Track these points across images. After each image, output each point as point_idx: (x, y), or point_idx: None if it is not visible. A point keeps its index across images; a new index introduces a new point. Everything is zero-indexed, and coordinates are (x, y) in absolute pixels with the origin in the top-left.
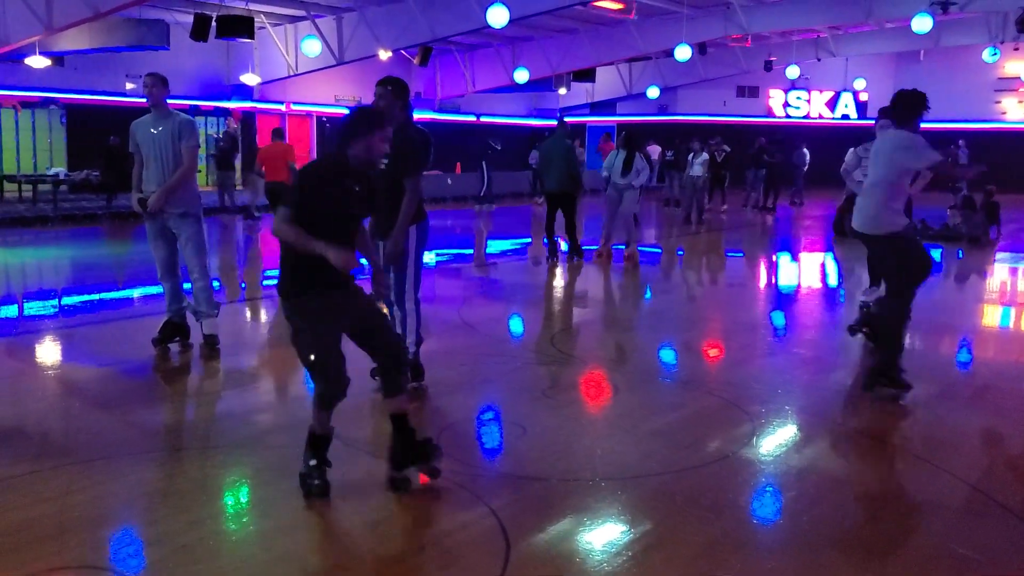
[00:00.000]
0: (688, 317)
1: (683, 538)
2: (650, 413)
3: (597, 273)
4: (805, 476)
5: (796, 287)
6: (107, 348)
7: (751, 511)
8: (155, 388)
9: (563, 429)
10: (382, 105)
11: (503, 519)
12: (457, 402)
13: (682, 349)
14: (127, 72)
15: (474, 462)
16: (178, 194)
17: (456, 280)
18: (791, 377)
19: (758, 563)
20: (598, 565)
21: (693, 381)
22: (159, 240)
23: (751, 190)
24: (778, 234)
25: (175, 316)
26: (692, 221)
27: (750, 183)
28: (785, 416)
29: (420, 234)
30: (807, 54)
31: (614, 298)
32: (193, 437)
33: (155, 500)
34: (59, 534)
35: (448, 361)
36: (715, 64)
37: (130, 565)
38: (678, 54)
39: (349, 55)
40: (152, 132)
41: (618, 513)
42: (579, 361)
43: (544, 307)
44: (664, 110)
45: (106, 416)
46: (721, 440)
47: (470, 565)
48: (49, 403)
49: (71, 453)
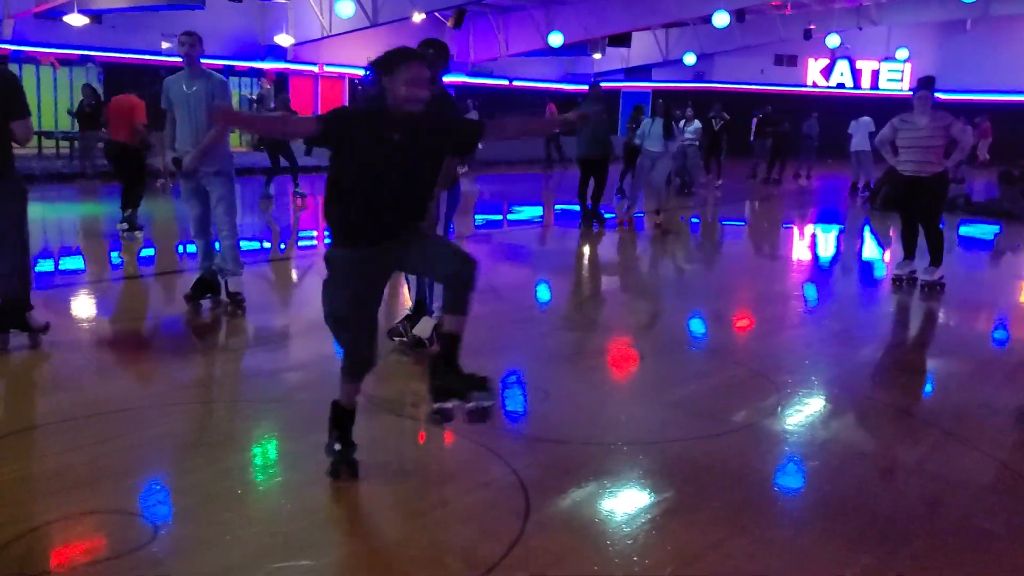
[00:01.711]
0: (717, 287)
1: (704, 504)
2: (675, 381)
3: (625, 240)
4: (829, 447)
5: (827, 259)
6: (140, 303)
7: (773, 479)
8: (186, 343)
9: (587, 394)
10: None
11: (524, 480)
12: (480, 365)
13: (710, 318)
14: (163, 31)
15: (497, 424)
16: (211, 153)
17: (483, 246)
18: (819, 349)
19: (778, 530)
20: (618, 527)
21: (720, 350)
22: (193, 199)
23: (757, 160)
24: (801, 206)
25: (207, 273)
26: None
27: (756, 154)
28: (812, 387)
29: (451, 200)
30: (848, 22)
31: (642, 266)
32: (222, 391)
33: (185, 451)
34: (93, 480)
35: (473, 326)
36: (753, 31)
37: (160, 512)
38: (716, 20)
39: (383, 17)
40: (186, 91)
41: (639, 478)
42: (605, 328)
43: (571, 274)
44: (700, 77)
45: (139, 368)
46: (746, 409)
47: (491, 522)
48: (84, 355)
49: (105, 403)
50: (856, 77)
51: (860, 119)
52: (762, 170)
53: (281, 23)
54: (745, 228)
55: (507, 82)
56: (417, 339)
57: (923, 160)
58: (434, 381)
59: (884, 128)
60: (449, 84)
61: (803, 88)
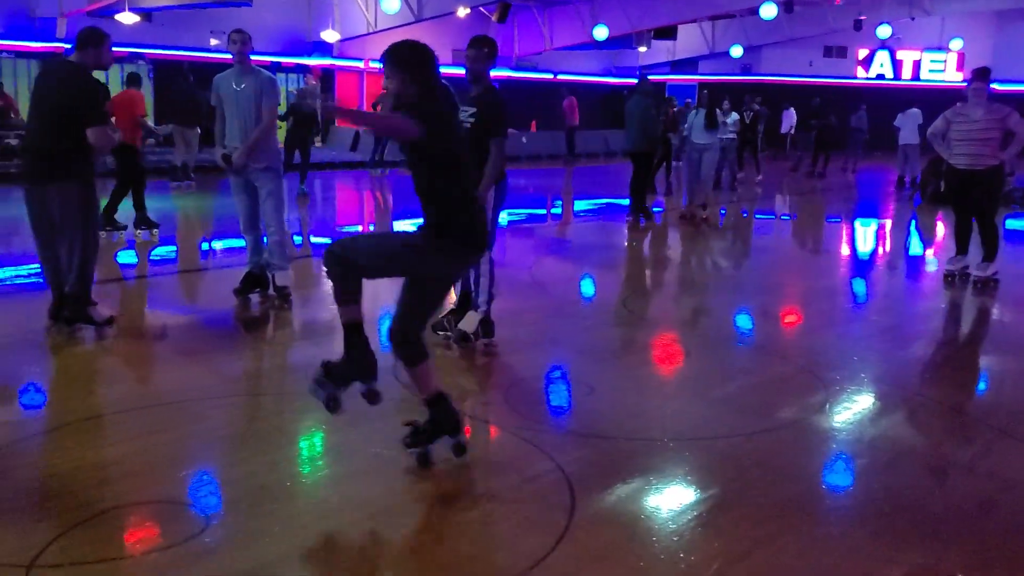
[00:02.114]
0: (763, 282)
1: (751, 500)
2: (722, 377)
3: (672, 234)
4: (878, 444)
5: (875, 254)
6: (191, 296)
7: (821, 477)
8: (235, 336)
9: (632, 390)
10: (476, 67)
11: (569, 475)
12: (526, 360)
13: (756, 314)
14: (211, 28)
15: (542, 419)
16: (260, 150)
17: (528, 240)
18: (868, 345)
19: (826, 527)
20: (664, 524)
21: (767, 346)
22: (242, 194)
23: (800, 154)
24: (849, 200)
25: (255, 268)
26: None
27: (799, 147)
28: (860, 384)
29: (499, 194)
30: (900, 12)
31: (689, 260)
32: (270, 383)
33: (235, 442)
34: (146, 471)
35: (518, 320)
36: (802, 22)
37: (211, 503)
38: (763, 12)
39: (428, 12)
40: (235, 88)
41: (685, 474)
42: (650, 323)
43: (617, 268)
44: (747, 70)
45: (189, 361)
46: (793, 406)
47: (536, 517)
48: (136, 347)
49: (157, 395)
50: (897, 68)
51: (908, 111)
52: (805, 164)
53: (327, 19)
54: (790, 222)
55: (551, 76)
56: (462, 333)
57: (978, 153)
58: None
59: (937, 121)
60: (494, 79)
61: (853, 80)
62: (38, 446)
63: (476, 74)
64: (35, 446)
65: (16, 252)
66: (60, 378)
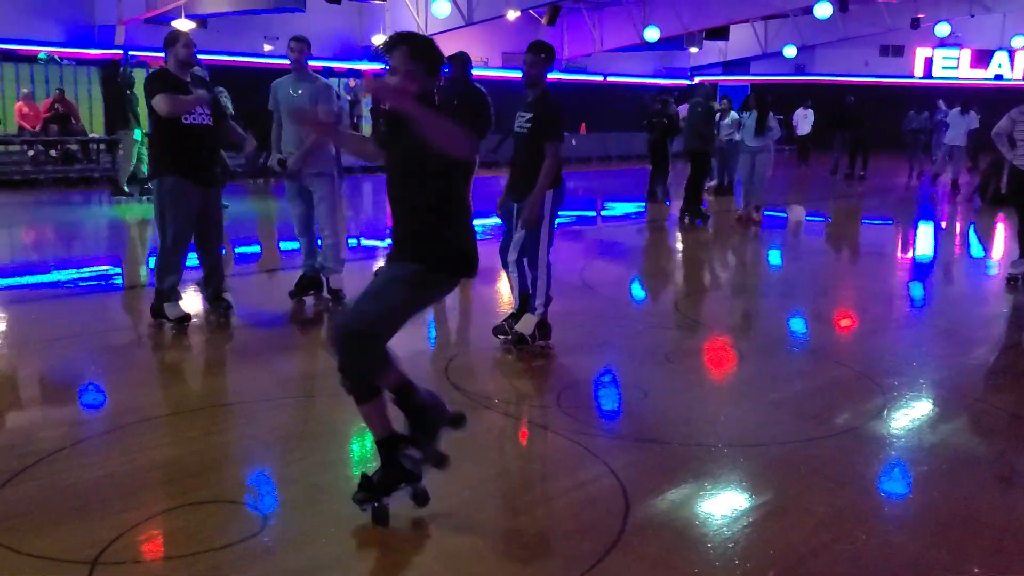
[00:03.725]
0: (817, 285)
1: (806, 507)
2: (776, 382)
3: (726, 237)
4: (938, 452)
5: (932, 257)
6: (246, 299)
7: (879, 484)
8: (289, 338)
9: (685, 394)
10: (533, 72)
11: (623, 480)
12: (578, 363)
13: (811, 318)
14: (265, 34)
15: (595, 423)
16: (315, 155)
17: (577, 242)
18: (927, 350)
19: (884, 536)
20: (719, 530)
21: (822, 351)
22: (297, 198)
23: (837, 154)
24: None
25: (310, 270)
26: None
27: (835, 147)
28: (919, 390)
29: (556, 198)
30: (959, 10)
31: (742, 263)
32: (323, 386)
33: (290, 442)
34: (202, 470)
35: (569, 323)
36: (857, 21)
37: (268, 503)
38: (818, 11)
39: (478, 15)
40: (292, 94)
41: (740, 480)
42: (703, 327)
43: (668, 271)
44: (801, 70)
45: (245, 363)
46: (850, 411)
47: (591, 521)
48: (193, 350)
49: (214, 396)
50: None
51: (953, 111)
52: (843, 165)
53: (378, 24)
54: (840, 225)
55: (601, 78)
56: (520, 336)
57: None
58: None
59: (1001, 120)
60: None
61: (910, 80)
62: (99, 446)
63: (532, 79)
64: (96, 446)
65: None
66: (120, 379)
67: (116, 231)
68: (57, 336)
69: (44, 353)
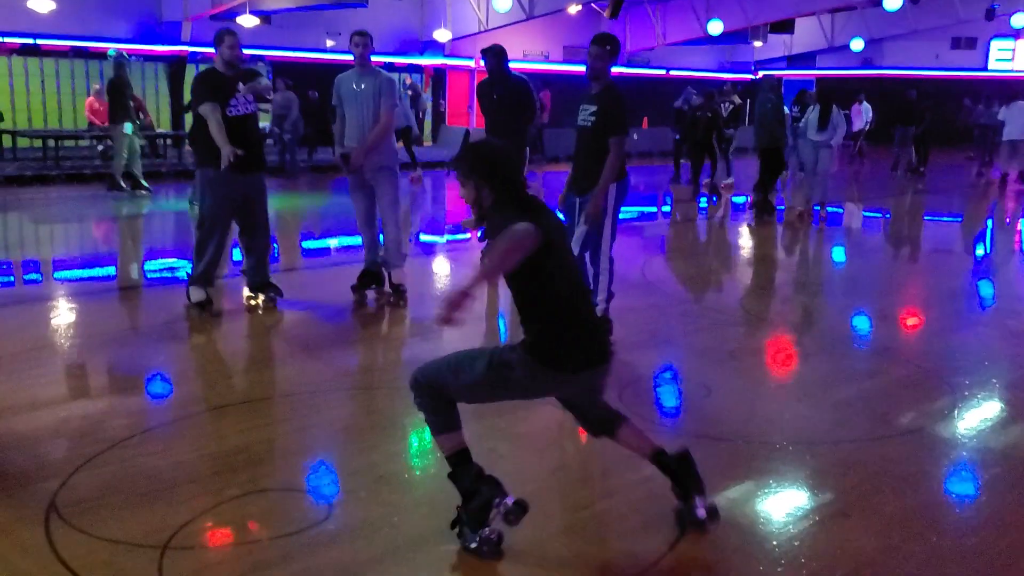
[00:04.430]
0: (884, 282)
1: (874, 508)
2: (841, 380)
3: (791, 234)
4: (1011, 454)
5: (1003, 255)
6: (309, 293)
7: (949, 486)
8: (352, 331)
9: (749, 392)
10: (598, 65)
11: None
12: (640, 359)
13: (877, 316)
14: (327, 29)
15: (657, 419)
16: (376, 150)
17: (639, 237)
18: (999, 349)
19: (957, 539)
20: (784, 528)
21: (889, 349)
22: (359, 192)
23: (898, 151)
24: (970, 199)
25: (371, 265)
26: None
27: (896, 143)
28: (991, 390)
29: (620, 192)
30: None
31: (807, 260)
32: (384, 378)
33: (353, 433)
34: (268, 459)
35: (631, 319)
36: (928, 13)
37: (331, 492)
38: (887, 3)
39: (539, 9)
40: (355, 88)
41: (805, 478)
42: (768, 323)
43: (731, 267)
44: (868, 63)
45: (308, 355)
46: (918, 411)
47: (653, 518)
48: (257, 341)
49: (277, 387)
50: None
51: (1014, 104)
52: (903, 161)
53: (440, 18)
54: (903, 222)
55: (664, 72)
56: None
57: None
58: None
59: None
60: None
61: (984, 72)
62: (168, 434)
63: (597, 72)
64: (165, 434)
65: (153, 247)
66: (187, 370)
67: (182, 224)
68: (125, 327)
69: (113, 343)
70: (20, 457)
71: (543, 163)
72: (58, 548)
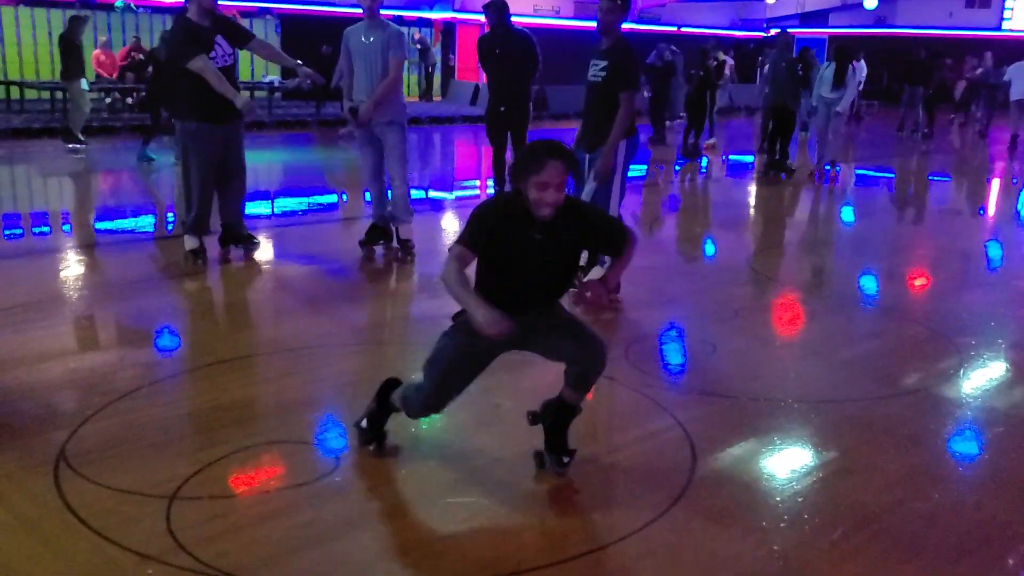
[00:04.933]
0: (893, 242)
1: (878, 465)
2: (848, 339)
3: (801, 193)
4: (1015, 414)
5: (1013, 216)
6: (317, 247)
7: (953, 444)
8: (359, 286)
9: (755, 350)
10: (608, 20)
11: (691, 433)
12: (648, 317)
13: (885, 275)
14: None
15: (664, 376)
16: (385, 104)
17: (650, 196)
18: (1006, 310)
19: (960, 497)
20: (787, 485)
21: (896, 309)
22: (367, 147)
23: (905, 111)
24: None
25: (379, 220)
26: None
27: (904, 104)
28: (997, 350)
29: (629, 149)
30: None
31: (816, 219)
32: (393, 334)
33: (361, 387)
34: (278, 412)
35: (637, 277)
36: None
37: (339, 445)
38: None
39: None
40: (363, 41)
41: (809, 436)
42: (775, 282)
43: (741, 226)
44: (881, 22)
45: (316, 310)
46: (924, 371)
47: (658, 471)
48: (265, 296)
49: (285, 341)
50: None
51: (1021, 63)
52: (910, 123)
53: None
54: (911, 183)
55: (675, 28)
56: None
57: None
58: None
59: None
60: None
61: (997, 32)
62: (176, 386)
63: (607, 26)
64: (173, 386)
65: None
66: (195, 322)
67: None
68: (133, 279)
69: (121, 295)
70: (30, 407)
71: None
72: (67, 496)
